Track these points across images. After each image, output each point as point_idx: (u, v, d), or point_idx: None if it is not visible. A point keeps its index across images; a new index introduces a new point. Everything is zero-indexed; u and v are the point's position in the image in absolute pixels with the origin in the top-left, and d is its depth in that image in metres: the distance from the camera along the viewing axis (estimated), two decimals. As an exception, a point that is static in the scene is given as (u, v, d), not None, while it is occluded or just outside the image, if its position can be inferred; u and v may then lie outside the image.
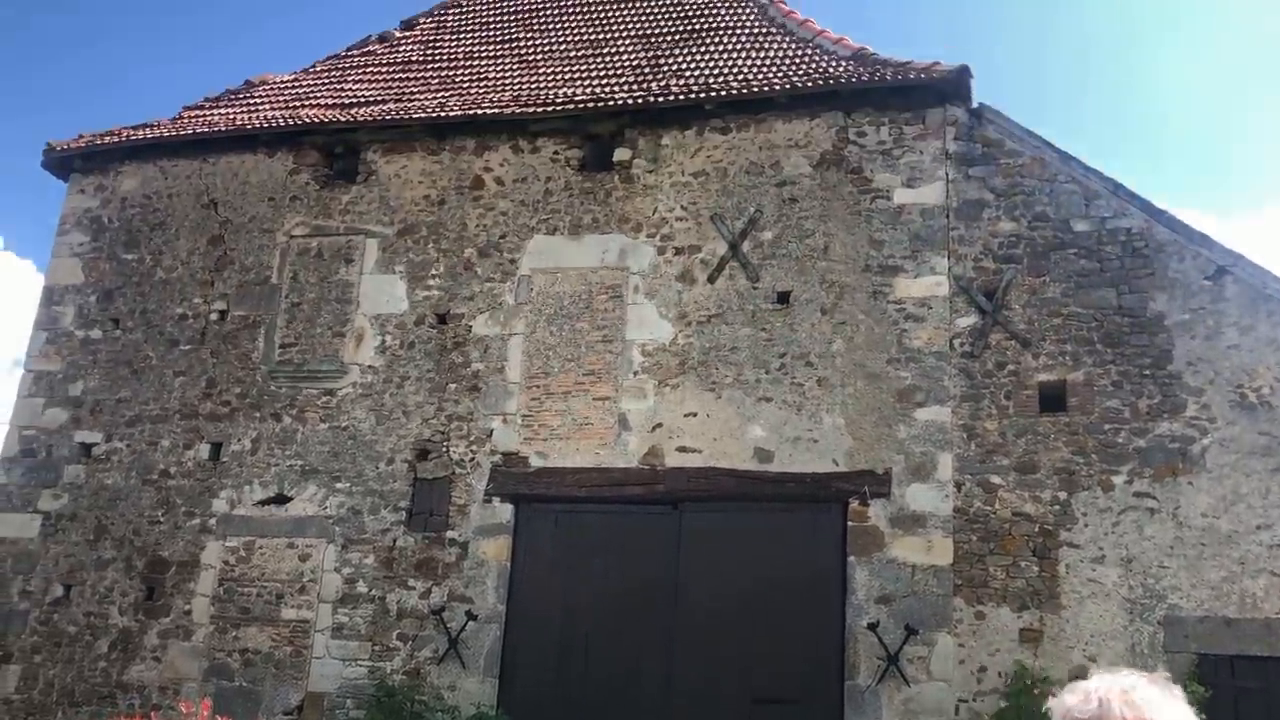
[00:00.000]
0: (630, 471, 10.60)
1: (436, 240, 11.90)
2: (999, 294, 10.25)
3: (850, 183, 10.97)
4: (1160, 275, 10.00)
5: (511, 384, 11.20)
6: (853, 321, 10.55)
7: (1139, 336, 9.89)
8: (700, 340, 10.85)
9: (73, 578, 11.68)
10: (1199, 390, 9.64)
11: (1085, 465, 9.69)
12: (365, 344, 11.69)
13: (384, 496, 11.15)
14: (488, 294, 11.57)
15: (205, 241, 12.59)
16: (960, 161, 10.77)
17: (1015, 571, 9.57)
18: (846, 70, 11.32)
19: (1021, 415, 9.96)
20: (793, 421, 10.39)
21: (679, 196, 11.38)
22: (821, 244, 10.84)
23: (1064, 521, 9.59)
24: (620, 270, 11.29)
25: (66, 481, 12.04)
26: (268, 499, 11.42)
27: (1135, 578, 9.33)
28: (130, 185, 13.13)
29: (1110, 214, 10.29)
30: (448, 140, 12.22)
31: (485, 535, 10.78)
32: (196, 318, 12.31)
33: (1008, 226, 10.49)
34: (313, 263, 12.13)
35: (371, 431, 11.38)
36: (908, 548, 9.80)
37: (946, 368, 10.23)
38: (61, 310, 12.77)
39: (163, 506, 11.68)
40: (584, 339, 11.16)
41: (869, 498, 9.98)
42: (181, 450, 11.84)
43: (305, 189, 12.48)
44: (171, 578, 11.41)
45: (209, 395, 11.97)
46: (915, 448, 10.05)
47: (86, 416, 12.24)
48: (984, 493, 9.83)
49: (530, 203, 11.78)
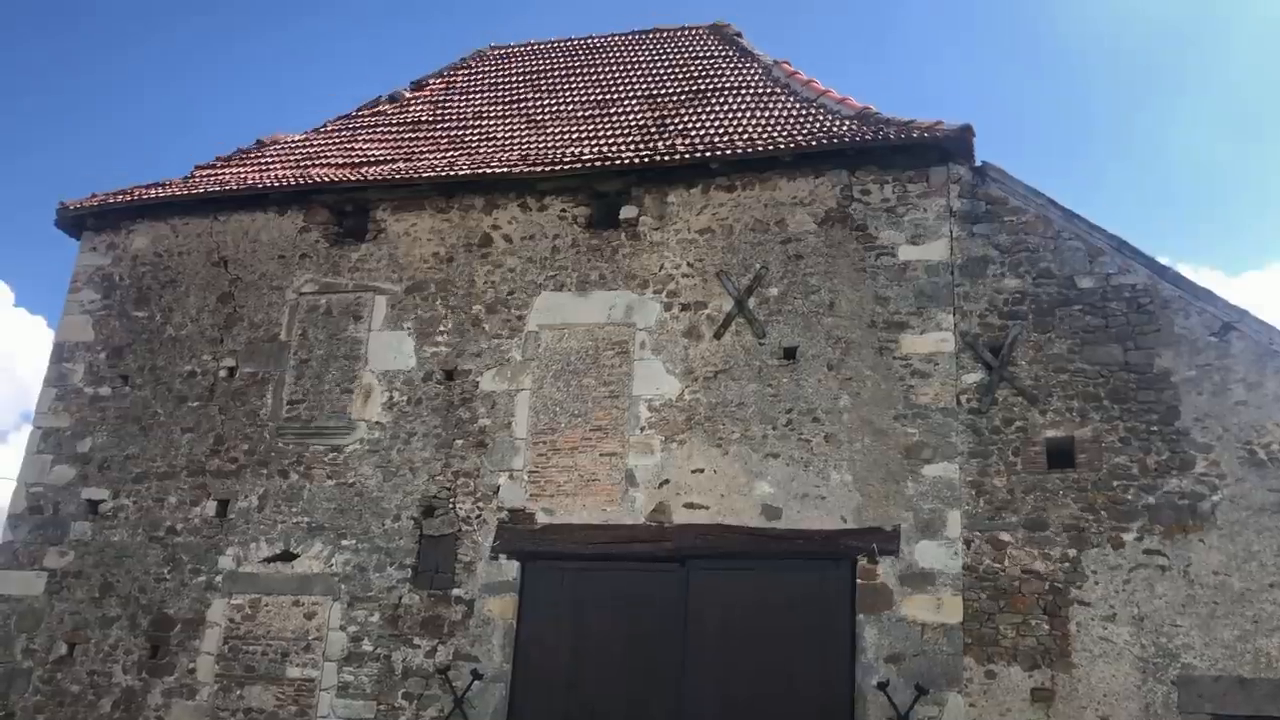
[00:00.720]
0: (637, 528, 10.57)
1: (445, 297, 11.98)
2: (1005, 350, 10.27)
3: (855, 239, 11.05)
4: (1166, 331, 10.01)
5: (518, 440, 11.21)
6: (859, 377, 10.57)
7: (1146, 393, 9.88)
8: (707, 396, 10.87)
9: (77, 636, 11.63)
10: (1207, 446, 9.61)
11: (1095, 522, 9.64)
12: (373, 400, 11.72)
13: (390, 553, 11.11)
14: (495, 350, 11.62)
15: (215, 299, 12.69)
16: (964, 219, 10.84)
17: (1026, 630, 9.48)
18: (850, 129, 11.45)
19: (1030, 471, 9.93)
20: (800, 478, 10.37)
21: (685, 253, 11.47)
22: (827, 300, 10.90)
23: (1074, 579, 9.52)
24: (627, 326, 11.34)
25: (73, 538, 12.03)
26: (274, 556, 11.39)
27: (1148, 636, 9.24)
28: (142, 243, 13.26)
29: (1114, 270, 10.33)
30: (457, 198, 12.35)
31: (491, 593, 10.72)
32: (205, 374, 12.37)
33: (1012, 283, 10.53)
34: (321, 320, 12.21)
35: (378, 488, 11.38)
36: (917, 606, 9.72)
37: (954, 424, 10.22)
38: (71, 367, 12.84)
39: (169, 564, 11.65)
40: (591, 394, 11.19)
41: (877, 555, 9.93)
42: (188, 507, 11.84)
43: (315, 247, 12.60)
44: (176, 635, 11.34)
45: (216, 452, 11.99)
46: (924, 504, 10.01)
47: (94, 473, 12.26)
48: (993, 550, 9.77)
49: (538, 260, 11.87)
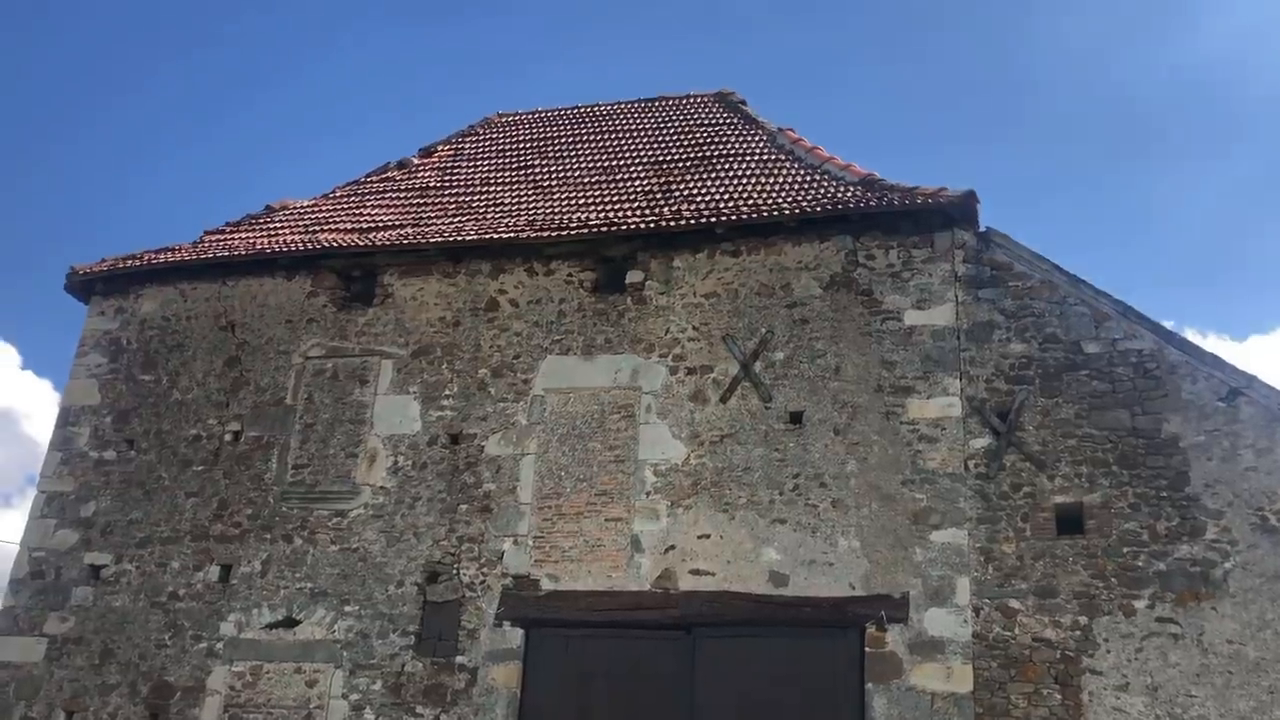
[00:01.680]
0: (643, 595, 10.46)
1: (451, 361, 12.00)
2: (1012, 415, 10.23)
3: (860, 304, 11.08)
4: (1173, 397, 9.99)
5: (523, 505, 11.15)
6: (866, 442, 10.53)
7: (1154, 458, 9.83)
8: (713, 460, 10.82)
9: (76, 704, 11.47)
10: (1218, 513, 9.54)
11: (1105, 589, 9.53)
12: (378, 465, 11.69)
13: (393, 620, 10.99)
14: (501, 414, 11.61)
15: (222, 363, 12.72)
16: (969, 284, 10.88)
17: (1037, 699, 9.34)
18: (855, 195, 11.53)
19: (1039, 538, 9.85)
20: (807, 544, 10.29)
21: (691, 317, 11.50)
22: (833, 365, 10.90)
23: (1085, 647, 9.39)
24: (633, 390, 11.34)
25: (74, 604, 11.92)
26: (276, 622, 11.27)
27: (1162, 706, 9.09)
28: (150, 307, 13.32)
29: (1121, 335, 10.34)
30: (463, 263, 12.43)
31: (495, 661, 10.59)
32: (210, 439, 12.35)
33: (1019, 348, 10.54)
34: (328, 384, 12.22)
35: (382, 553, 11.30)
36: (927, 675, 9.58)
37: (962, 489, 10.15)
38: (77, 431, 12.83)
39: (170, 630, 11.53)
40: (596, 459, 11.15)
41: (886, 623, 9.81)
42: (191, 572, 11.75)
43: (322, 311, 12.65)
44: (176, 704, 11.19)
45: (220, 516, 11.93)
46: (932, 571, 9.92)
47: (97, 538, 12.19)
48: (1003, 617, 9.65)
49: (544, 324, 11.91)
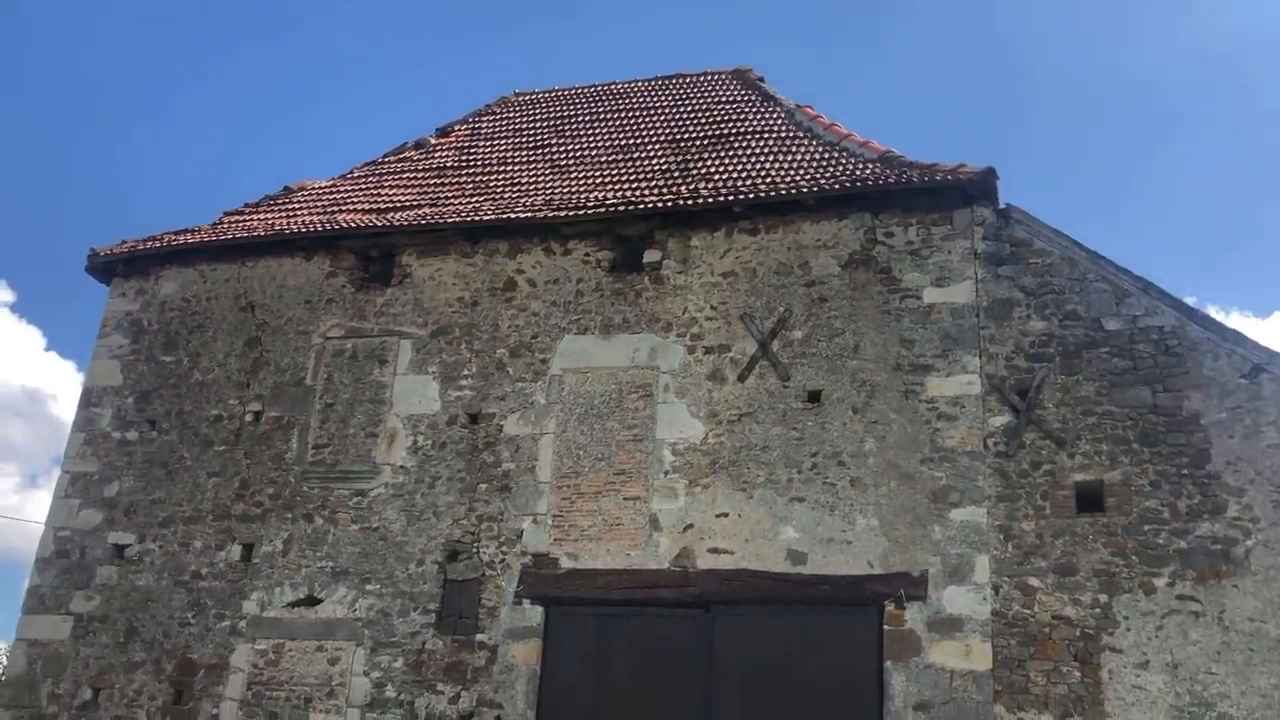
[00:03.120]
0: (661, 573, 10.49)
1: (469, 341, 12.03)
2: (1032, 393, 10.19)
3: (879, 282, 11.03)
4: (1195, 374, 9.92)
5: (542, 484, 11.19)
6: (885, 420, 10.50)
7: (1176, 435, 9.78)
8: (731, 439, 10.82)
9: (102, 681, 11.62)
10: (1240, 490, 9.48)
11: (1125, 567, 9.50)
12: (397, 444, 11.74)
13: (414, 598, 11.07)
14: (519, 394, 11.64)
15: (242, 344, 12.79)
16: (989, 261, 10.82)
17: (1057, 677, 9.33)
18: (873, 172, 11.47)
19: (1059, 516, 9.82)
20: (826, 522, 10.29)
21: (708, 296, 11.48)
22: (852, 343, 10.86)
23: (1105, 625, 9.37)
24: (650, 370, 11.34)
25: (99, 583, 12.06)
26: (298, 601, 11.37)
27: (1182, 684, 9.07)
28: (170, 289, 13.40)
29: (1141, 312, 10.27)
30: (481, 243, 12.43)
31: (515, 639, 10.65)
32: (231, 419, 12.44)
33: (1038, 325, 10.47)
34: (347, 364, 12.28)
35: (402, 532, 11.37)
36: (946, 652, 9.59)
37: (981, 467, 10.12)
38: (99, 412, 12.94)
39: (193, 608, 11.65)
40: (614, 438, 11.16)
41: (905, 601, 9.81)
42: (213, 551, 11.86)
43: (341, 292, 12.70)
44: (200, 681, 11.31)
45: (242, 496, 12.03)
46: (951, 549, 9.90)
47: (120, 517, 12.31)
48: (1022, 595, 9.64)
49: (561, 303, 11.91)
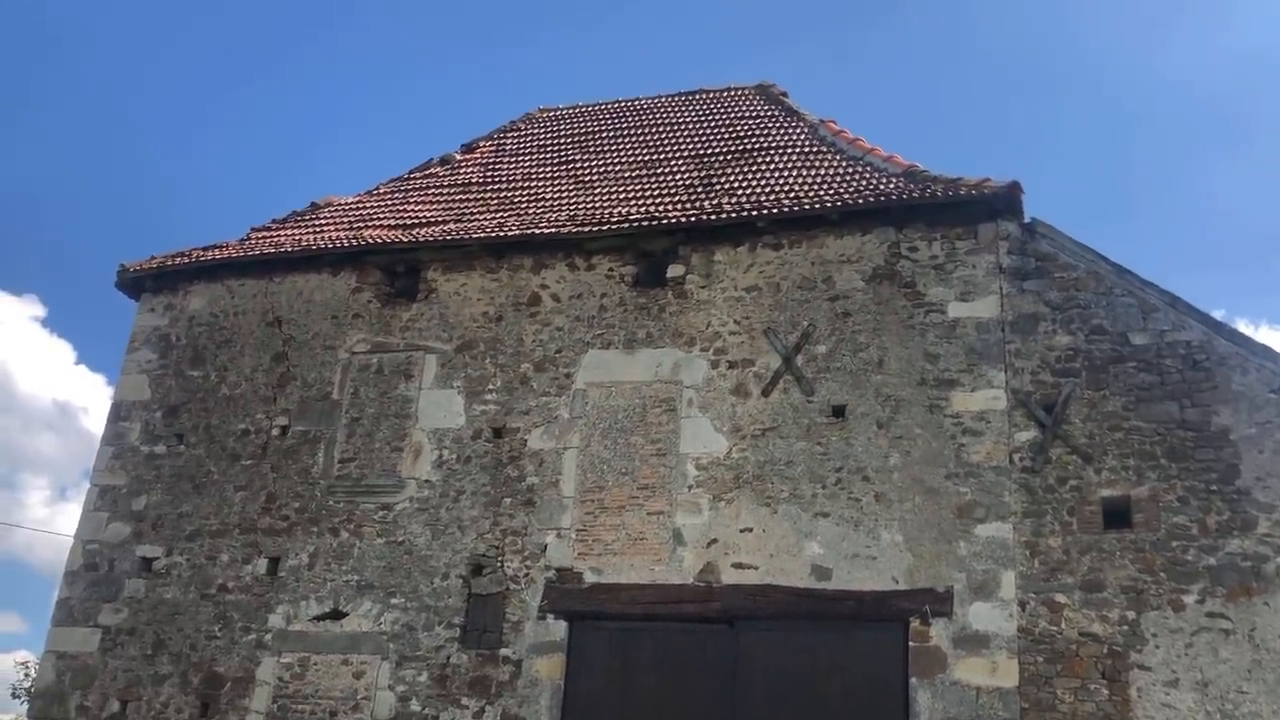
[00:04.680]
0: (685, 588, 10.48)
1: (494, 355, 12.09)
2: (1058, 408, 10.13)
3: (903, 297, 11.01)
4: (1223, 388, 9.84)
5: (566, 498, 11.21)
6: (909, 435, 10.47)
7: (1204, 451, 9.69)
8: (755, 454, 10.81)
9: (129, 693, 11.70)
10: (1270, 506, 9.39)
11: (1154, 584, 9.42)
12: (423, 458, 11.80)
13: (438, 612, 11.10)
14: (543, 408, 11.68)
15: (269, 358, 12.90)
16: (1014, 275, 10.78)
17: (1084, 695, 9.25)
18: (897, 187, 11.46)
19: (1085, 532, 9.75)
20: (850, 538, 10.25)
21: (732, 311, 11.49)
22: (876, 358, 10.84)
23: (1133, 643, 9.29)
24: (674, 384, 11.35)
25: (127, 595, 12.16)
26: (323, 614, 11.43)
27: (1213, 703, 8.97)
28: (198, 304, 13.54)
29: (1169, 327, 10.20)
30: (506, 259, 12.50)
31: (539, 653, 10.66)
32: (258, 433, 12.54)
33: (1064, 340, 10.42)
34: (373, 379, 12.36)
35: (427, 546, 11.41)
36: (971, 669, 9.53)
37: (1007, 483, 10.07)
38: (128, 426, 13.06)
39: (220, 621, 11.73)
40: (638, 453, 11.17)
41: (930, 617, 9.75)
42: (240, 565, 11.94)
43: (367, 307, 12.79)
44: (226, 694, 11.38)
45: (268, 510, 12.11)
46: (977, 565, 9.85)
47: (148, 531, 12.42)
48: (1049, 612, 9.57)
49: (585, 318, 11.95)
